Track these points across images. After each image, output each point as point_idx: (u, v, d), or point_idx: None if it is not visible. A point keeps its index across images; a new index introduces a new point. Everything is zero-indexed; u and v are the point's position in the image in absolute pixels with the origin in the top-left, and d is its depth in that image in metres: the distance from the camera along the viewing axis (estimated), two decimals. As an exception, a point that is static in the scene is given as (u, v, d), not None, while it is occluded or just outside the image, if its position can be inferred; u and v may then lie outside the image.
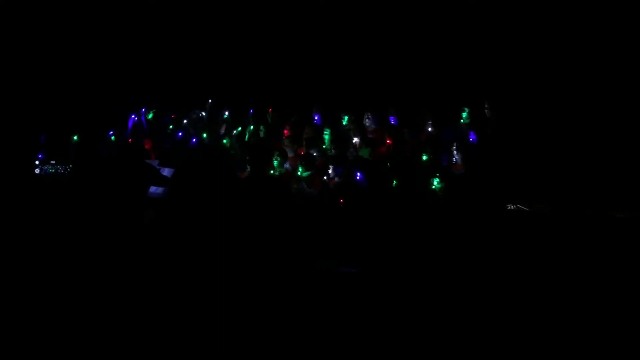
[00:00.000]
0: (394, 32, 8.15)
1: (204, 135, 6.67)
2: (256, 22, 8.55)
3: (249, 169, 5.18)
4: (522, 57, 7.17)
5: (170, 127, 7.15)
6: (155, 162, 5.79)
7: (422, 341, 4.01)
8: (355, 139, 6.61)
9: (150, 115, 7.24)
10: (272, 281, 4.16)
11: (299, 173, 5.73)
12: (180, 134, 6.72)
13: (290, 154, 6.34)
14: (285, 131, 7.12)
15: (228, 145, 6.52)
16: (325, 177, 5.67)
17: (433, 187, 5.45)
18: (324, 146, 6.59)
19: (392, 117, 7.14)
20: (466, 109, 6.57)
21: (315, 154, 6.14)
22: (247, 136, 6.99)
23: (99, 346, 3.76)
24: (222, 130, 7.01)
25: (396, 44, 8.14)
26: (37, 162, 6.09)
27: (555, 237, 5.24)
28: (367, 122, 7.09)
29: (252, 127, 7.19)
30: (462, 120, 6.60)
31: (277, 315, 4.08)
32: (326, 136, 6.56)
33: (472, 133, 6.27)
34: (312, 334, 4.03)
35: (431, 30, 7.91)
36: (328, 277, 4.69)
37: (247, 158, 4.82)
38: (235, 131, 7.02)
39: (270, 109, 7.35)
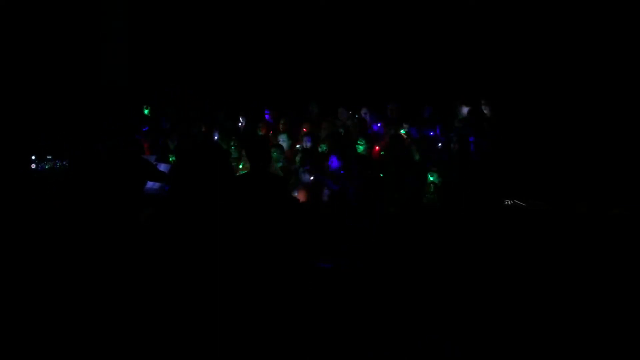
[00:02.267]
0: (393, 28, 8.13)
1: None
2: (253, 19, 8.52)
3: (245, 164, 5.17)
4: (518, 54, 7.17)
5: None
6: (152, 158, 5.78)
7: (421, 337, 4.02)
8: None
9: (146, 111, 7.23)
10: (271, 279, 4.17)
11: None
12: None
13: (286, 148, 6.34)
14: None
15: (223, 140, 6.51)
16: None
17: (430, 180, 5.48)
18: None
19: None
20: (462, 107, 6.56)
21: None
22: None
23: (97, 346, 3.75)
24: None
25: (395, 40, 8.13)
26: (33, 157, 6.07)
27: (551, 233, 5.26)
28: (365, 116, 7.09)
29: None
30: (458, 117, 6.60)
31: (276, 314, 4.08)
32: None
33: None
34: (311, 331, 4.04)
35: (430, 27, 7.90)
36: (327, 275, 4.71)
37: (246, 154, 4.80)
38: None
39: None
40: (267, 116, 7.55)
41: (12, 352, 3.66)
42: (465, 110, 6.46)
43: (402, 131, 6.46)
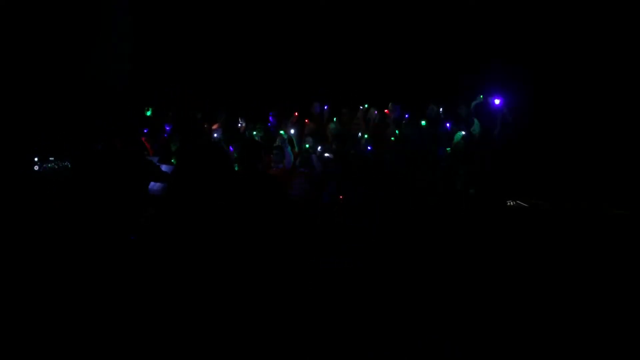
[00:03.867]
0: (394, 26, 8.13)
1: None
2: (253, 19, 8.54)
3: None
4: (519, 54, 7.15)
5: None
6: (155, 159, 5.79)
7: (420, 337, 4.01)
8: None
9: (148, 113, 7.25)
10: (269, 279, 4.17)
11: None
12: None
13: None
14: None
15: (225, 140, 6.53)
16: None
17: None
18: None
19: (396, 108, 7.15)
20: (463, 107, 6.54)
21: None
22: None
23: (98, 345, 3.76)
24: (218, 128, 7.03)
25: (396, 37, 8.12)
26: (36, 159, 6.10)
27: (553, 233, 5.24)
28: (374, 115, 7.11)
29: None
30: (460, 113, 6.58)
31: (275, 314, 4.08)
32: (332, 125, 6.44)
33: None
34: (311, 331, 4.04)
35: (431, 25, 7.89)
36: (326, 275, 4.70)
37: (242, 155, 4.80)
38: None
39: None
40: (270, 118, 7.55)
41: (12, 352, 3.67)
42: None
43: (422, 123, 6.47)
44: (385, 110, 6.86)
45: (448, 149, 5.80)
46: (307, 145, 6.31)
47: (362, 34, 8.21)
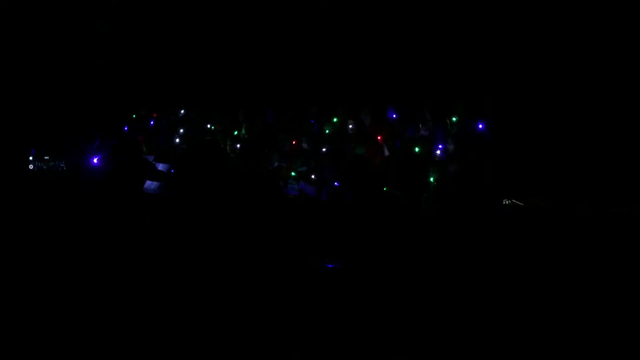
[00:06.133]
0: (392, 26, 8.14)
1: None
2: (252, 17, 8.56)
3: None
4: (516, 52, 7.16)
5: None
6: (150, 158, 5.80)
7: (420, 338, 4.00)
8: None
9: (143, 112, 7.26)
10: (267, 278, 4.17)
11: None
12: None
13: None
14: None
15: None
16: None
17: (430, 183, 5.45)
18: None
19: (391, 112, 7.12)
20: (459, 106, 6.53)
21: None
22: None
23: (97, 346, 3.73)
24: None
25: (394, 38, 8.14)
26: (30, 158, 6.09)
27: (551, 233, 5.23)
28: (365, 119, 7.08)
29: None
30: (456, 116, 6.57)
31: (272, 312, 4.07)
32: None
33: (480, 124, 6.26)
34: (309, 332, 4.02)
35: (429, 24, 7.90)
36: (325, 274, 4.69)
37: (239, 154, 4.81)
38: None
39: None
40: (268, 117, 7.54)
41: (12, 352, 3.65)
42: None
43: None
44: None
45: None
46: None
47: (362, 34, 8.22)
